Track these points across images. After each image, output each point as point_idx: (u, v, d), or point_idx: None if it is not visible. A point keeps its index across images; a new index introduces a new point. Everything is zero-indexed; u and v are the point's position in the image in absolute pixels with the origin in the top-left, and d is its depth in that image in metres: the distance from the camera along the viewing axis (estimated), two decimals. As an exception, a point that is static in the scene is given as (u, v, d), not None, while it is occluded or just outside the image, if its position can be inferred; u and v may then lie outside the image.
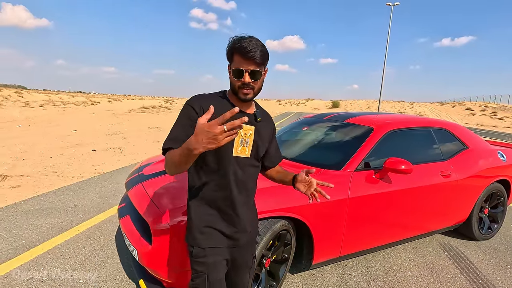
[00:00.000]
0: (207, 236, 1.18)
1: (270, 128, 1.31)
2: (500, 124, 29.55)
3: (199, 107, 1.12)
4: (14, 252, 2.32)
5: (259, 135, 1.22)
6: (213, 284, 1.17)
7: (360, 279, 2.20)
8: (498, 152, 2.98)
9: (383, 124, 2.42)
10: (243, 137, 1.17)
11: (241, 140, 1.17)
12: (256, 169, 1.27)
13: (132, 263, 2.02)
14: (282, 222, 1.77)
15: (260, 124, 1.23)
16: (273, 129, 1.35)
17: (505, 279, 2.31)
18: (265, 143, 1.26)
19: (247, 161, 1.20)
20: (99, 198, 3.60)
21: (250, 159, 1.21)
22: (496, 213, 3.04)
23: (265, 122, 1.27)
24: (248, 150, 1.19)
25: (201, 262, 1.17)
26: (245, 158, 1.19)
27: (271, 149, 1.34)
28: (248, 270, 1.33)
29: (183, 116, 1.13)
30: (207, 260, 1.17)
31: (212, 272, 1.17)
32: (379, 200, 2.12)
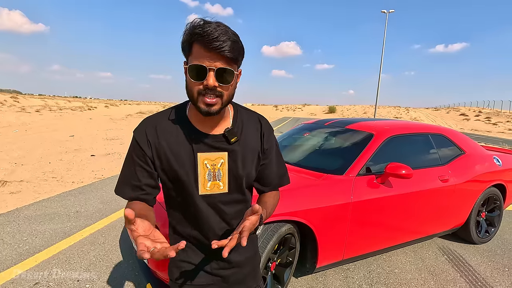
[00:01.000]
0: (184, 272, 0.96)
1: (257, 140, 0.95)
2: (494, 129, 30.00)
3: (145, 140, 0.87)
4: (18, 258, 2.32)
5: (236, 160, 0.90)
6: None
7: (363, 282, 2.24)
8: (494, 157, 3.07)
9: (383, 130, 2.49)
10: (212, 170, 0.88)
11: (208, 173, 0.88)
12: (242, 202, 0.96)
13: (139, 268, 2.04)
14: (288, 226, 1.81)
15: (238, 143, 0.90)
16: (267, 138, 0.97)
17: (503, 281, 2.36)
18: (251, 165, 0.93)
19: (225, 197, 0.92)
20: (100, 203, 3.61)
21: (230, 194, 0.92)
22: (493, 216, 3.11)
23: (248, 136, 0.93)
24: (223, 184, 0.90)
25: None
26: (221, 194, 0.91)
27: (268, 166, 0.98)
28: None
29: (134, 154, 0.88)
30: None
31: None
32: (380, 204, 2.17)
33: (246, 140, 0.92)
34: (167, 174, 0.89)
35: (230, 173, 0.90)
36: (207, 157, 0.88)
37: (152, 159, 0.88)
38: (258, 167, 0.96)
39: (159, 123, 0.89)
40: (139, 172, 0.87)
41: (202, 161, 0.87)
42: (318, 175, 2.14)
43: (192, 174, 0.87)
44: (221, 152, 0.88)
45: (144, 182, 0.87)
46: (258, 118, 0.99)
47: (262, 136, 0.96)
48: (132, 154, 0.88)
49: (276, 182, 1.02)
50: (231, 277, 0.99)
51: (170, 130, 0.88)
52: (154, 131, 0.87)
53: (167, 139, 0.87)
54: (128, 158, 0.89)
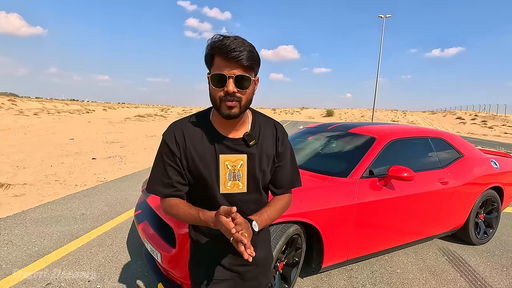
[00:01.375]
0: (205, 270, 1.04)
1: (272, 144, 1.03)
2: (490, 133, 30.30)
3: (173, 142, 0.95)
4: (29, 259, 2.36)
5: (255, 162, 0.98)
6: None
7: (366, 282, 2.30)
8: (491, 160, 3.15)
9: (385, 134, 2.56)
10: (232, 171, 0.96)
11: (228, 174, 0.96)
12: (258, 202, 1.04)
13: (149, 268, 2.09)
14: (295, 227, 1.87)
15: (256, 146, 0.98)
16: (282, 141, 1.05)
17: (501, 280, 2.43)
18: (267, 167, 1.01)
19: (244, 197, 0.99)
20: (105, 206, 3.64)
21: (248, 194, 1.00)
22: (491, 218, 3.19)
23: (265, 141, 1.01)
24: (242, 184, 0.98)
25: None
26: (240, 194, 0.98)
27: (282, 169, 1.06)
28: None
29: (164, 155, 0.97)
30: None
31: None
32: (383, 206, 2.24)
33: (263, 144, 1.00)
34: (192, 173, 0.97)
35: (249, 174, 0.98)
36: (228, 158, 0.96)
37: (180, 159, 0.96)
38: (273, 170, 1.04)
39: (185, 127, 0.98)
40: (169, 171, 0.95)
41: (224, 162, 0.96)
42: (323, 177, 2.21)
43: (215, 173, 0.96)
44: (240, 154, 0.96)
45: (175, 180, 0.96)
46: (274, 124, 1.07)
47: (277, 141, 1.04)
48: (162, 155, 0.97)
49: (287, 185, 1.08)
50: (247, 274, 1.06)
51: (195, 133, 0.97)
52: (182, 134, 0.96)
53: (193, 141, 0.96)
54: (158, 159, 0.98)
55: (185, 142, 0.96)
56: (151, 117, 28.29)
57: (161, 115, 31.87)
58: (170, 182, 0.96)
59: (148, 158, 7.24)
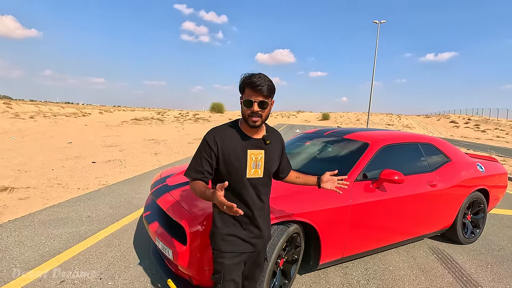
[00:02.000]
0: (228, 243, 1.40)
1: (279, 146, 1.51)
2: (482, 137, 30.86)
3: (213, 141, 1.36)
4: (41, 259, 2.48)
5: (269, 156, 1.42)
6: (228, 281, 1.39)
7: (361, 278, 2.47)
8: (477, 164, 3.35)
9: (377, 140, 2.75)
10: (255, 161, 1.38)
11: (253, 163, 1.38)
12: (268, 185, 1.48)
13: (157, 265, 2.23)
14: (295, 226, 2.03)
15: (269, 145, 1.43)
16: (282, 145, 1.55)
17: (486, 276, 2.61)
18: (276, 161, 1.48)
19: (260, 180, 1.41)
20: (110, 208, 3.76)
21: (263, 178, 1.42)
22: (478, 219, 3.38)
23: (274, 142, 1.47)
24: (260, 171, 1.40)
25: (220, 263, 1.40)
26: (258, 178, 1.40)
27: (283, 162, 1.58)
28: (260, 268, 1.58)
29: (203, 150, 1.37)
30: (224, 262, 1.39)
31: (227, 272, 1.39)
32: (376, 207, 2.41)
33: (273, 145, 1.47)
34: (227, 163, 1.36)
35: (266, 164, 1.41)
36: (253, 152, 1.39)
37: (216, 154, 1.36)
38: (278, 162, 1.53)
39: (223, 131, 1.40)
40: (204, 162, 1.36)
41: (250, 155, 1.38)
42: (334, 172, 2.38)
43: (244, 163, 1.37)
44: (261, 150, 1.40)
45: (205, 169, 1.36)
46: (278, 133, 1.57)
47: (282, 144, 1.56)
48: (201, 150, 1.37)
49: (287, 170, 1.67)
50: (258, 244, 1.46)
51: (230, 135, 1.39)
52: (220, 136, 1.38)
53: (228, 140, 1.37)
54: (198, 153, 1.39)
55: (222, 141, 1.36)
56: (148, 120, 28.31)
57: (158, 118, 31.88)
58: (202, 170, 1.36)
59: (147, 162, 7.34)
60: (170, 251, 1.82)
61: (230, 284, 1.40)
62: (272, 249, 1.85)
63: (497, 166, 3.66)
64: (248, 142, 1.38)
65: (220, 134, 1.38)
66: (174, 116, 36.70)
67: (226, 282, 1.39)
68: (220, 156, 1.35)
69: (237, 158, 1.35)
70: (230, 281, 1.40)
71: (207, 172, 1.36)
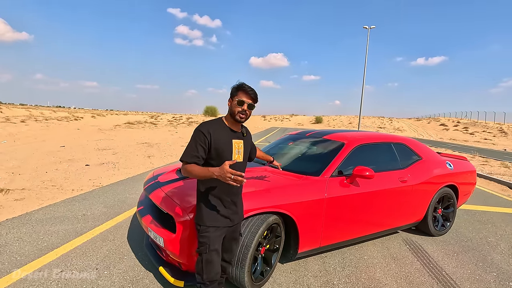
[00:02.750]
0: (212, 218, 1.74)
1: (250, 138, 2.00)
2: (471, 139, 31.69)
3: (207, 131, 1.70)
4: (40, 252, 2.65)
5: (246, 145, 1.87)
6: (212, 251, 1.72)
7: (337, 266, 2.70)
8: (447, 162, 3.64)
9: (352, 140, 3.00)
10: (238, 149, 1.80)
11: (236, 150, 1.79)
12: (245, 168, 1.91)
13: (150, 256, 2.42)
14: (274, 217, 2.26)
15: (246, 137, 1.88)
16: (251, 137, 2.02)
17: (451, 263, 2.88)
18: (249, 148, 1.94)
19: (240, 164, 1.82)
20: (104, 207, 3.93)
21: (243, 162, 1.84)
22: (448, 213, 3.66)
23: (247, 135, 1.93)
24: (241, 156, 1.81)
25: (205, 236, 1.73)
26: (240, 162, 1.80)
27: (252, 148, 2.16)
28: (236, 242, 1.94)
29: (197, 139, 1.69)
30: (209, 235, 1.72)
31: (211, 243, 1.72)
32: (349, 200, 2.65)
33: (247, 137, 1.92)
34: (217, 149, 1.71)
35: (245, 151, 1.84)
36: (236, 142, 1.80)
37: (209, 141, 1.70)
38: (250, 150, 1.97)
39: (213, 124, 1.76)
40: (199, 148, 1.68)
41: (234, 143, 1.78)
42: (299, 176, 2.62)
43: (230, 149, 1.76)
44: (241, 140, 1.83)
45: (200, 154, 1.69)
46: (248, 129, 2.00)
47: (251, 136, 2.02)
48: (196, 138, 1.70)
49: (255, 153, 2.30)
50: (235, 219, 1.83)
51: (219, 127, 1.76)
52: (212, 127, 1.73)
53: (218, 131, 1.74)
54: (192, 141, 1.70)
55: (213, 131, 1.72)
56: (141, 124, 28.30)
57: (151, 122, 31.88)
58: (197, 155, 1.68)
59: (141, 164, 7.50)
60: (161, 239, 2.03)
61: (213, 253, 1.72)
62: (252, 236, 2.07)
63: (466, 164, 3.96)
64: (232, 133, 1.78)
65: (211, 126, 1.73)
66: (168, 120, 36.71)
67: (211, 251, 1.71)
68: (212, 143, 1.70)
69: (225, 145, 1.73)
70: (214, 251, 1.72)
71: (201, 157, 1.69)
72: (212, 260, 1.72)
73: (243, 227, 2.10)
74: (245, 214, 2.06)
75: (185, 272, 2.15)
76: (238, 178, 1.51)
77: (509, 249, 3.31)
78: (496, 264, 2.92)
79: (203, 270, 1.72)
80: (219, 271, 1.77)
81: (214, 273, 1.74)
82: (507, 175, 8.52)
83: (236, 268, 2.06)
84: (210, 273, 1.72)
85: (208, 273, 1.72)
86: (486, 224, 4.12)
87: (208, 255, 1.71)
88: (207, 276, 1.72)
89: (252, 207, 2.10)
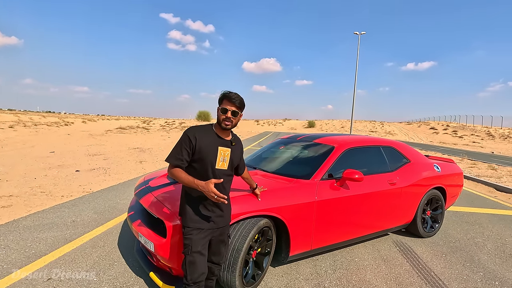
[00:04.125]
0: (195, 219, 1.77)
1: (240, 149, 1.96)
2: (460, 142, 32.35)
3: (193, 136, 1.74)
4: (27, 260, 2.59)
5: (234, 154, 1.86)
6: (194, 253, 1.73)
7: (328, 268, 2.72)
8: (434, 165, 3.73)
9: (342, 143, 3.05)
10: (223, 156, 1.80)
11: (221, 158, 1.79)
12: (230, 176, 1.91)
13: (140, 261, 2.40)
14: (265, 220, 2.27)
15: (234, 147, 1.87)
16: (241, 149, 1.99)
17: (439, 264, 2.93)
18: (238, 159, 1.92)
19: (225, 172, 1.83)
20: (94, 213, 3.88)
21: (227, 170, 1.84)
22: (436, 214, 3.74)
23: (237, 145, 1.90)
24: (226, 164, 1.82)
25: (188, 238, 1.76)
26: (223, 170, 1.82)
27: (240, 163, 2.03)
28: (224, 245, 1.93)
29: (183, 142, 1.74)
30: (192, 237, 1.75)
31: (194, 245, 1.74)
32: (339, 203, 2.69)
33: (237, 147, 1.91)
34: (201, 154, 1.74)
35: (231, 160, 1.84)
36: (222, 149, 1.80)
37: (194, 146, 1.73)
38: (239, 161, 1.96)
39: (200, 129, 1.81)
40: (183, 151, 1.73)
41: (220, 151, 1.79)
42: (290, 180, 2.65)
43: (214, 156, 1.77)
44: (228, 148, 1.83)
45: (184, 157, 1.74)
46: (240, 140, 2.00)
47: (241, 148, 2.01)
48: (182, 142, 1.75)
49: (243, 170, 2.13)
50: (219, 222, 1.84)
51: (206, 133, 1.80)
52: (198, 132, 1.77)
53: (204, 137, 1.77)
54: (178, 144, 1.75)
55: (199, 136, 1.75)
56: (133, 129, 28.03)
57: (143, 127, 31.60)
58: (181, 158, 1.73)
59: (132, 169, 7.42)
60: (152, 244, 2.02)
61: (196, 254, 1.74)
62: (243, 239, 2.07)
63: (453, 166, 4.06)
64: (219, 140, 1.80)
65: (198, 131, 1.77)
66: (160, 125, 36.45)
67: (193, 253, 1.73)
68: (197, 147, 1.73)
69: (210, 151, 1.75)
70: (197, 253, 1.74)
71: (185, 160, 1.74)
72: (195, 262, 1.73)
73: (234, 230, 2.11)
74: (235, 218, 2.07)
75: (176, 277, 2.14)
76: (219, 200, 1.61)
77: (495, 249, 3.39)
78: (483, 264, 2.98)
79: (187, 271, 1.74)
80: (203, 272, 1.77)
81: (198, 274, 1.74)
82: (494, 177, 8.73)
83: (227, 272, 2.06)
84: (193, 274, 1.73)
85: (191, 274, 1.73)
86: (474, 225, 4.21)
87: (190, 257, 1.73)
88: (191, 277, 1.74)
89: (243, 210, 2.11)
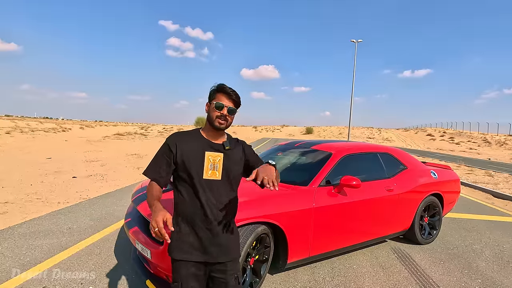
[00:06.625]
0: (181, 250, 1.36)
1: (240, 150, 1.52)
2: (457, 148, 32.52)
3: (173, 143, 1.41)
4: (22, 267, 2.56)
5: (229, 160, 1.44)
6: None
7: (326, 276, 2.71)
8: (431, 172, 3.75)
9: (340, 150, 3.07)
10: (212, 163, 1.40)
11: (210, 165, 1.40)
12: (227, 188, 1.44)
13: (137, 268, 2.38)
14: (263, 227, 2.27)
15: (230, 150, 1.46)
16: (243, 147, 1.55)
17: (437, 271, 2.92)
18: (238, 164, 1.48)
19: (218, 182, 1.40)
20: (91, 220, 3.85)
21: (221, 181, 1.41)
22: (434, 221, 3.74)
23: (235, 148, 1.49)
24: (218, 173, 1.40)
25: (176, 272, 1.38)
26: (215, 180, 1.40)
27: (251, 161, 1.53)
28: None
29: (163, 151, 1.42)
30: (180, 271, 1.36)
31: (184, 281, 1.35)
32: (337, 210, 2.69)
33: (234, 151, 1.50)
34: (185, 163, 1.39)
35: (224, 167, 1.43)
36: (211, 154, 1.43)
37: (175, 154, 1.41)
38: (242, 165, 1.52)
39: (183, 135, 1.47)
40: (162, 162, 1.41)
41: (208, 157, 1.42)
42: (288, 186, 2.65)
43: (201, 164, 1.40)
44: (219, 153, 1.44)
45: (162, 168, 1.40)
46: (239, 140, 1.60)
47: (243, 147, 1.57)
48: (162, 152, 1.43)
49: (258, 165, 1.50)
50: (213, 253, 1.39)
51: (189, 139, 1.46)
52: (180, 139, 1.45)
53: (187, 143, 1.43)
54: (158, 154, 1.44)
55: (181, 143, 1.43)
56: (131, 135, 28.00)
57: (141, 133, 31.57)
58: (159, 170, 1.41)
59: (130, 176, 7.39)
60: (148, 251, 2.01)
61: None
62: (241, 246, 2.07)
63: (450, 173, 4.08)
64: (207, 145, 1.44)
65: (180, 138, 1.45)
66: (158, 131, 36.41)
67: None
68: (178, 156, 1.40)
69: (195, 159, 1.40)
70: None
71: (164, 172, 1.40)
72: None
73: None
74: (233, 225, 2.06)
75: (173, 285, 2.11)
76: (158, 234, 1.16)
77: (493, 256, 3.39)
78: (481, 271, 2.98)
79: None
80: None
81: None
82: (491, 184, 8.77)
83: (225, 279, 2.04)
84: None
85: None
86: (471, 231, 4.22)
87: None
88: None
89: (240, 217, 2.11)
